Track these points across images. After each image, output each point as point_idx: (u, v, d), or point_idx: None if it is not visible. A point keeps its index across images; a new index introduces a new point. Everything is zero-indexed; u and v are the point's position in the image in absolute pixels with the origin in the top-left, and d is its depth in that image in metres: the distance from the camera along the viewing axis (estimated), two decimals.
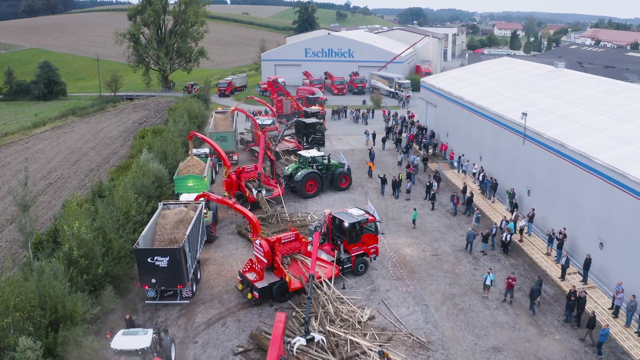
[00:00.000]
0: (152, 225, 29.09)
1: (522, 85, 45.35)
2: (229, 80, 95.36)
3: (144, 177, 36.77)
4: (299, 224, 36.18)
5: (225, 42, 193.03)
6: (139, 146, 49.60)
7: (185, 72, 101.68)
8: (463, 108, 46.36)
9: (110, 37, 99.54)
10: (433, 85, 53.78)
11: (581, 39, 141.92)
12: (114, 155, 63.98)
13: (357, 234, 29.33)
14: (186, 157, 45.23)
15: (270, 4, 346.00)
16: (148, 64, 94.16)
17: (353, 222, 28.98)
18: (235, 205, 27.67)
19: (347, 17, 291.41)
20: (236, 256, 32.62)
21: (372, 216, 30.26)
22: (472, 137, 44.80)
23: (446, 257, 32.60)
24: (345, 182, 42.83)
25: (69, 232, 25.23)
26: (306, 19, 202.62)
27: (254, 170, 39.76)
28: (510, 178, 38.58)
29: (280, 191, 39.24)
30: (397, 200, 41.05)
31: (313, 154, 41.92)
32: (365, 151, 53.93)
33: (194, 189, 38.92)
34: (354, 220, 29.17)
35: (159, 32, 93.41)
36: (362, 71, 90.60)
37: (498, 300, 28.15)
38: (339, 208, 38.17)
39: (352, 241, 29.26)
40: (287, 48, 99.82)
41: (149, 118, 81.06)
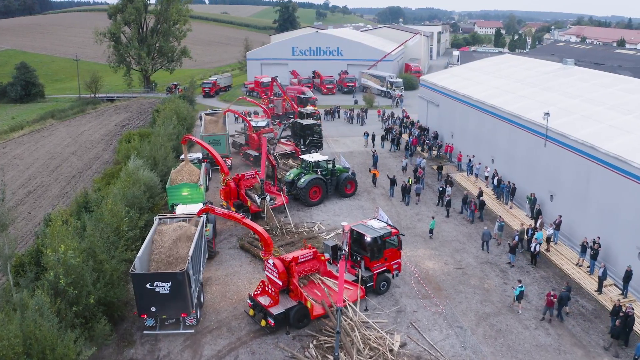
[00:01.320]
0: (148, 244, 25.40)
1: (533, 83, 42.62)
2: (214, 80, 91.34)
3: (134, 187, 32.95)
4: (306, 236, 32.81)
5: (205, 42, 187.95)
6: (125, 151, 45.58)
7: (168, 73, 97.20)
8: (471, 107, 43.45)
9: (90, 38, 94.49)
10: (435, 84, 50.79)
11: (565, 36, 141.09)
12: (97, 160, 59.70)
13: (380, 249, 26.08)
14: (178, 163, 41.47)
15: (249, 3, 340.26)
16: (129, 64, 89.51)
17: (375, 236, 25.71)
18: (244, 221, 24.17)
19: (326, 16, 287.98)
20: (241, 274, 29.07)
21: (395, 228, 27.01)
22: (483, 138, 41.90)
23: (472, 271, 29.57)
24: (351, 188, 39.54)
25: (54, 257, 21.44)
26: (287, 18, 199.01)
27: (255, 176, 36.20)
28: (529, 182, 35.75)
29: (284, 200, 35.75)
30: (407, 207, 37.91)
31: (317, 158, 38.50)
32: (364, 153, 50.78)
33: (189, 199, 35.28)
34: (376, 234, 25.89)
35: (140, 30, 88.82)
36: (351, 70, 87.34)
37: (536, 319, 25.27)
38: (357, 219, 34.96)
39: (374, 257, 25.99)
40: (274, 47, 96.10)
41: (132, 120, 76.71)
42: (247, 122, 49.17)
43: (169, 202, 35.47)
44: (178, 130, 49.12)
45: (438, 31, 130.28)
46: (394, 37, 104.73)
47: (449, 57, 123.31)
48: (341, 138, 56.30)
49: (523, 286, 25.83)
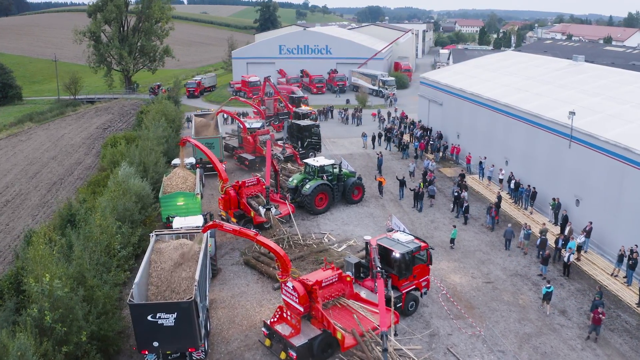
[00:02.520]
0: (146, 266, 21.89)
1: (546, 80, 40.04)
2: (198, 80, 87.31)
3: (125, 198, 29.32)
4: (316, 249, 29.56)
5: (186, 42, 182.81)
6: (111, 157, 41.72)
7: (150, 73, 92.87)
8: (481, 106, 40.68)
9: (68, 38, 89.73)
10: (438, 82, 47.94)
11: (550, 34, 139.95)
12: (78, 166, 55.51)
13: (409, 265, 22.99)
14: (170, 169, 37.85)
15: (229, 3, 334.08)
16: (110, 64, 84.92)
17: (404, 251, 22.61)
18: (258, 238, 20.83)
19: (306, 15, 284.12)
20: (249, 295, 25.70)
21: (423, 242, 23.95)
22: (495, 138, 39.14)
23: (502, 285, 26.70)
24: (359, 194, 36.40)
25: (38, 289, 17.84)
26: (268, 17, 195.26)
27: (257, 183, 32.79)
28: (551, 186, 33.09)
29: (290, 209, 32.40)
30: (421, 213, 34.92)
31: (322, 162, 35.24)
32: (365, 155, 47.71)
33: (184, 209, 31.75)
34: (405, 249, 22.79)
35: (122, 29, 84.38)
36: (341, 68, 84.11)
37: (580, 338, 22.56)
38: (368, 228, 32.02)
39: (403, 275, 22.90)
40: (260, 45, 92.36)
41: (114, 122, 72.43)
42: (242, 124, 45.67)
43: (162, 214, 31.86)
44: (168, 133, 45.35)
45: (423, 29, 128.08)
46: (382, 35, 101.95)
47: (436, 56, 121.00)
48: (338, 139, 53.11)
49: (552, 286, 24.11)
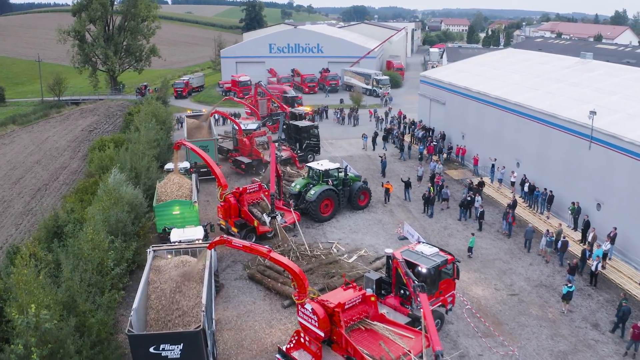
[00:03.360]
0: (144, 288, 19.39)
1: (557, 78, 38.14)
2: (186, 80, 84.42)
3: (117, 208, 26.66)
4: (325, 260, 27.21)
5: (171, 42, 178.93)
6: (99, 161, 38.88)
7: (136, 73, 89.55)
8: (489, 105, 38.66)
9: (52, 39, 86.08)
10: (440, 80, 45.84)
11: (539, 32, 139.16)
12: (64, 170, 52.53)
13: (435, 280, 20.75)
14: (164, 175, 35.22)
15: (213, 3, 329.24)
16: (95, 64, 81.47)
17: (431, 266, 20.37)
18: (271, 256, 18.41)
19: (291, 15, 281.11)
20: (256, 314, 23.27)
21: (449, 254, 21.76)
22: (505, 139, 37.14)
23: (528, 297, 24.66)
24: (365, 199, 34.13)
25: (23, 321, 15.24)
26: (254, 17, 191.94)
27: (259, 190, 30.32)
28: (568, 189, 31.12)
29: (296, 217, 29.97)
30: (432, 219, 32.76)
31: (327, 166, 32.89)
32: (365, 157, 45.45)
33: (181, 219, 29.22)
34: (431, 263, 20.56)
35: (107, 28, 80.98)
36: (333, 67, 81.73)
37: (618, 355, 20.67)
38: (378, 236, 29.74)
39: (429, 291, 20.67)
40: (249, 44, 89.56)
41: (100, 124, 69.33)
42: (237, 125, 43.08)
43: (157, 225, 29.26)
44: (160, 136, 42.60)
45: (412, 28, 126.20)
46: (372, 34, 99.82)
47: (425, 54, 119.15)
48: (336, 140, 50.77)
49: (573, 286, 23.14)
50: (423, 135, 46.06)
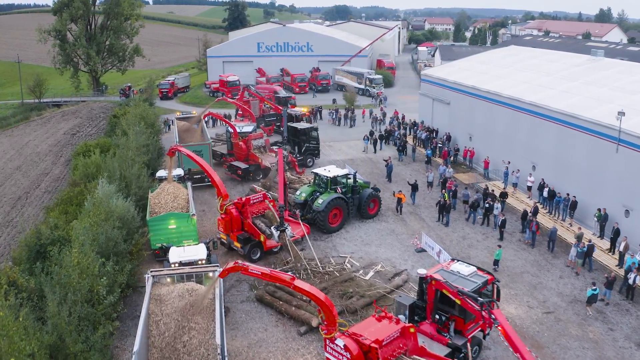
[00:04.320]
0: (145, 322, 16.42)
1: (569, 77, 35.90)
2: (171, 81, 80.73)
3: (107, 224, 23.51)
4: (340, 278, 24.45)
5: (154, 42, 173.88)
6: (84, 169, 35.49)
7: (119, 74, 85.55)
8: (500, 105, 36.26)
9: (32, 39, 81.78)
10: (444, 79, 43.34)
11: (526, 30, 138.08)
12: (46, 177, 48.98)
13: None
14: (156, 184, 32.09)
15: (195, 3, 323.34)
16: (77, 64, 77.38)
17: (471, 289, 17.72)
18: (295, 284, 15.59)
19: (274, 14, 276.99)
20: (269, 344, 20.38)
21: (488, 273, 19.17)
22: (518, 141, 34.77)
23: (565, 315, 22.27)
24: (375, 207, 31.42)
25: None
26: (237, 16, 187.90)
27: (263, 200, 27.38)
28: (592, 194, 28.85)
29: (305, 230, 27.10)
30: (448, 228, 30.20)
31: (335, 172, 30.08)
32: (367, 161, 42.75)
33: (177, 234, 26.26)
34: (472, 285, 17.92)
35: (89, 27, 76.94)
36: (323, 66, 78.86)
37: None
38: (393, 248, 26.97)
39: (470, 317, 18.05)
40: (236, 43, 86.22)
41: (83, 127, 65.54)
42: (232, 128, 39.99)
43: (151, 242, 26.15)
44: (151, 141, 39.33)
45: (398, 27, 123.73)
46: (361, 32, 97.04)
47: (413, 53, 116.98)
48: (334, 143, 47.94)
49: (597, 289, 22.13)
50: (426, 136, 43.53)
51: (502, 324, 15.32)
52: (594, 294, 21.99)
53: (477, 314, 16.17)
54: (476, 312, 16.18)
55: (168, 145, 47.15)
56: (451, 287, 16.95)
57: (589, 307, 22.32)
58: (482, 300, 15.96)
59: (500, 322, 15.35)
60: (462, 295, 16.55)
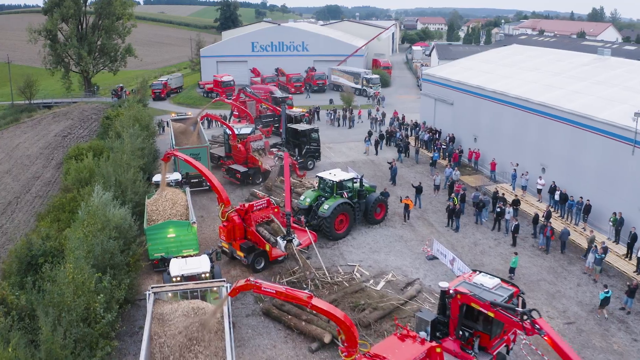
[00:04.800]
0: (147, 345, 14.95)
1: (578, 76, 34.79)
2: (164, 81, 78.91)
3: (102, 234, 21.96)
4: (349, 288, 23.05)
5: (145, 42, 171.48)
6: (77, 173, 33.78)
7: (111, 74, 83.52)
8: (507, 106, 35.06)
9: (22, 39, 79.52)
10: (447, 79, 42.09)
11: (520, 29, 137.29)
12: (37, 181, 47.17)
13: None
14: (153, 189, 30.55)
15: (186, 3, 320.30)
16: (68, 65, 75.30)
17: (498, 302, 16.42)
18: (313, 303, 14.18)
19: (265, 15, 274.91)
20: None
21: (512, 284, 17.89)
22: (527, 142, 33.59)
23: (586, 325, 21.08)
24: (381, 212, 30.07)
25: None
26: (229, 16, 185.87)
27: (267, 206, 25.92)
28: (606, 197, 27.70)
29: (312, 237, 25.68)
30: (458, 234, 28.91)
31: (341, 176, 28.69)
32: (369, 163, 41.38)
33: (177, 243, 24.77)
34: (499, 298, 16.58)
35: (80, 27, 74.90)
36: (318, 66, 77.39)
37: None
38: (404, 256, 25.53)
39: (495, 332, 16.74)
40: (230, 42, 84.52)
41: (74, 129, 63.67)
42: (230, 130, 38.45)
43: (149, 252, 24.62)
44: (147, 144, 37.71)
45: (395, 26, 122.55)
46: (356, 32, 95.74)
47: (407, 52, 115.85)
48: (334, 144, 46.52)
49: (610, 291, 21.46)
50: (429, 138, 42.27)
51: (549, 333, 14.05)
52: (606, 296, 21.26)
53: (516, 326, 14.88)
54: (515, 324, 14.89)
55: (163, 147, 45.62)
56: (481, 300, 15.65)
57: (603, 310, 21.58)
58: (522, 311, 14.67)
59: (546, 331, 14.07)
60: (496, 307, 15.26)
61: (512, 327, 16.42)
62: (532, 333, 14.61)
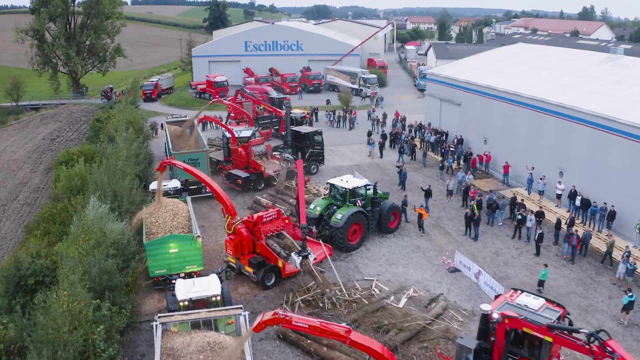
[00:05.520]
0: None
1: (593, 76, 33.10)
2: (155, 82, 76.24)
3: (99, 252, 19.69)
4: (370, 307, 21.08)
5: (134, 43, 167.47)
6: (67, 181, 31.27)
7: (100, 75, 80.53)
8: (521, 107, 33.27)
9: (8, 40, 76.36)
10: (454, 79, 40.24)
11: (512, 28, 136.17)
12: (24, 187, 44.63)
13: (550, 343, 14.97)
14: (150, 198, 28.31)
15: (174, 3, 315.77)
16: (55, 65, 72.32)
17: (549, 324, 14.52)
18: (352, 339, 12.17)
19: (254, 15, 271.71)
20: None
21: (559, 305, 16.04)
22: (543, 145, 31.83)
23: (624, 342, 19.52)
24: (395, 221, 28.10)
25: None
26: (218, 16, 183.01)
27: (277, 217, 23.78)
28: (632, 203, 26.00)
29: (327, 251, 23.58)
30: (477, 243, 27.04)
31: (354, 183, 26.64)
32: (375, 167, 39.41)
33: (180, 260, 22.56)
34: (545, 321, 14.71)
35: (68, 27, 71.91)
36: (314, 66, 75.20)
37: None
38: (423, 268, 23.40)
39: (543, 358, 14.86)
40: (223, 42, 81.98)
41: (63, 131, 60.96)
42: (231, 132, 36.22)
43: (149, 269, 22.35)
44: (143, 150, 35.32)
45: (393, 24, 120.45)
46: (350, 31, 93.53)
47: (400, 52, 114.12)
48: (335, 147, 44.43)
49: (634, 295, 20.45)
50: (436, 140, 40.40)
51: (623, 356, 12.19)
52: (630, 300, 20.26)
53: (582, 350, 13.03)
54: (581, 348, 13.03)
55: (157, 151, 43.27)
56: (536, 324, 13.78)
57: (626, 314, 20.49)
58: (590, 332, 12.81)
59: (620, 354, 12.21)
60: (554, 330, 13.40)
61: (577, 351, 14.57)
62: (602, 357, 12.75)
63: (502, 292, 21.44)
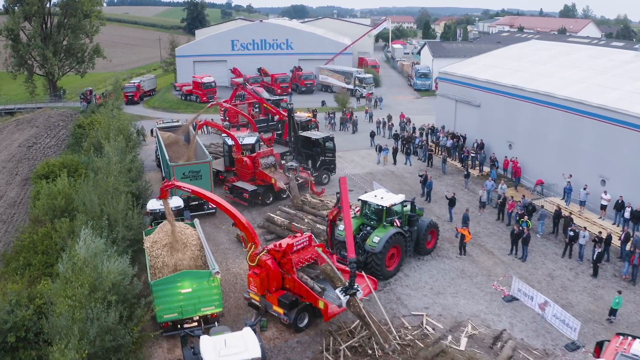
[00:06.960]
0: None
1: (629, 75, 29.80)
2: (137, 84, 71.12)
3: (95, 299, 15.31)
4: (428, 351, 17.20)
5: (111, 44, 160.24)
6: (49, 200, 26.37)
7: (78, 77, 74.77)
8: (554, 108, 29.79)
9: None
10: (473, 78, 36.59)
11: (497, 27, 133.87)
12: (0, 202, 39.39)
13: None
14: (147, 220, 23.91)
15: (150, 4, 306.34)
16: (31, 67, 66.54)
17: None
18: None
19: (232, 15, 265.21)
20: None
21: None
22: (581, 150, 28.37)
23: None
24: (432, 240, 24.29)
25: None
26: (196, 16, 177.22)
27: (310, 244, 19.58)
28: None
29: (372, 285, 19.46)
30: (526, 263, 23.41)
31: (390, 199, 22.61)
32: (389, 174, 35.49)
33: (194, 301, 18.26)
34: None
35: (44, 26, 66.10)
36: (305, 65, 70.95)
37: None
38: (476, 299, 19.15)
39: None
40: (208, 41, 76.97)
41: (40, 137, 55.58)
42: (234, 139, 31.80)
43: (157, 315, 17.92)
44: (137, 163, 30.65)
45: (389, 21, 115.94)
46: (339, 29, 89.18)
47: (385, 51, 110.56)
48: (342, 153, 40.04)
49: None
50: (452, 144, 36.74)
51: None
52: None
53: None
54: None
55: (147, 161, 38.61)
56: None
57: None
58: None
59: None
60: None
61: None
62: None
63: (577, 326, 17.94)
